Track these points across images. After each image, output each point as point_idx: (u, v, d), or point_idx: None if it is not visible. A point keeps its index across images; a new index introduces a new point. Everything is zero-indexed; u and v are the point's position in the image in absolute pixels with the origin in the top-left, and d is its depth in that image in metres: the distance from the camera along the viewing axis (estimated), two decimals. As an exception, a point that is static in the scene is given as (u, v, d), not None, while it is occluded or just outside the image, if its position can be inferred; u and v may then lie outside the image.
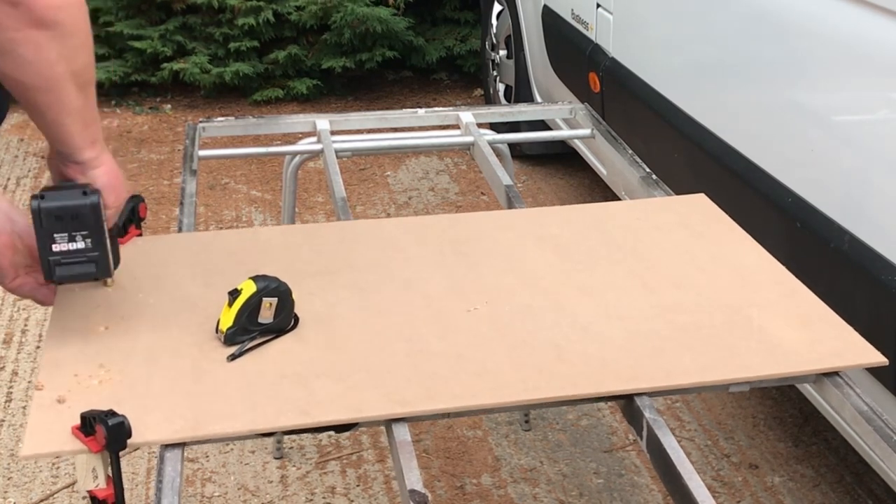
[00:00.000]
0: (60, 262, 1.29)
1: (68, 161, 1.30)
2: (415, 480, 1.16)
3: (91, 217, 1.28)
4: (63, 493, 2.37)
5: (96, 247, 1.29)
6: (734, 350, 1.37)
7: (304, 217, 3.75)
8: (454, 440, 2.58)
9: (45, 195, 1.27)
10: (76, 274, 1.30)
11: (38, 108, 1.23)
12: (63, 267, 1.29)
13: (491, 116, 2.44)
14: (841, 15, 1.97)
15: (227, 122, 2.27)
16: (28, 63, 1.17)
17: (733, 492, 2.41)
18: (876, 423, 1.29)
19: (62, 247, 1.28)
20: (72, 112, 1.24)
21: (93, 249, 1.29)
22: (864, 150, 1.93)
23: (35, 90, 1.20)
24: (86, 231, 1.28)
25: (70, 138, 1.27)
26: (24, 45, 1.16)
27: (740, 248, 1.66)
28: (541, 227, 1.72)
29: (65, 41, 1.18)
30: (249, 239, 1.69)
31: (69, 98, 1.22)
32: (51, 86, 1.20)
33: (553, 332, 1.41)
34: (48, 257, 1.28)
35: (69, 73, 1.20)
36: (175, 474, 1.15)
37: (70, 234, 1.28)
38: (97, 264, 1.30)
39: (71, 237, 1.28)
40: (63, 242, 1.28)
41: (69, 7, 1.18)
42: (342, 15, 4.67)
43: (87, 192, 1.28)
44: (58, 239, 1.28)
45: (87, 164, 1.30)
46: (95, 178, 1.30)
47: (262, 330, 1.35)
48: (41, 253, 1.29)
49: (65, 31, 1.18)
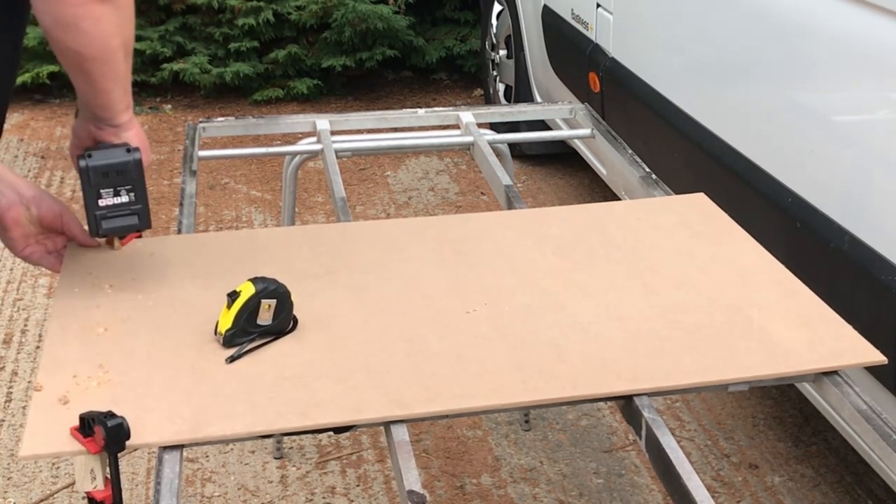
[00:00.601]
0: (106, 215, 1.39)
1: (105, 125, 1.38)
2: (413, 481, 1.16)
3: (135, 172, 1.39)
4: (63, 494, 2.37)
5: (139, 200, 1.41)
6: (734, 350, 1.37)
7: (303, 217, 3.75)
8: (454, 440, 2.58)
9: (93, 154, 1.37)
10: (121, 226, 1.41)
11: (91, 77, 1.30)
12: (109, 220, 1.40)
13: (491, 116, 2.44)
14: (841, 15, 1.97)
15: (227, 123, 2.27)
16: (89, 35, 1.25)
17: (733, 492, 2.41)
18: (875, 422, 1.29)
19: (108, 201, 1.38)
20: (119, 79, 1.33)
21: (136, 202, 1.40)
22: (864, 150, 1.93)
23: (92, 61, 1.28)
24: (129, 185, 1.39)
25: (114, 104, 1.36)
26: (86, 19, 1.23)
27: (740, 248, 1.66)
28: (541, 228, 1.72)
29: (120, 13, 1.27)
30: (249, 240, 1.69)
31: (119, 66, 1.31)
32: (106, 56, 1.28)
33: (553, 333, 1.40)
34: (95, 212, 1.38)
35: (121, 44, 1.29)
36: (173, 476, 1.15)
37: (115, 189, 1.38)
38: (139, 216, 1.41)
39: (116, 192, 1.39)
40: (109, 197, 1.38)
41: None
42: (343, 13, 4.67)
43: (129, 149, 1.39)
44: (104, 194, 1.38)
45: (122, 127, 1.39)
46: (129, 140, 1.40)
47: (261, 332, 1.35)
48: (88, 208, 1.38)
49: (120, 3, 1.27)
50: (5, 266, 3.36)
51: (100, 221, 1.39)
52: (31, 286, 3.24)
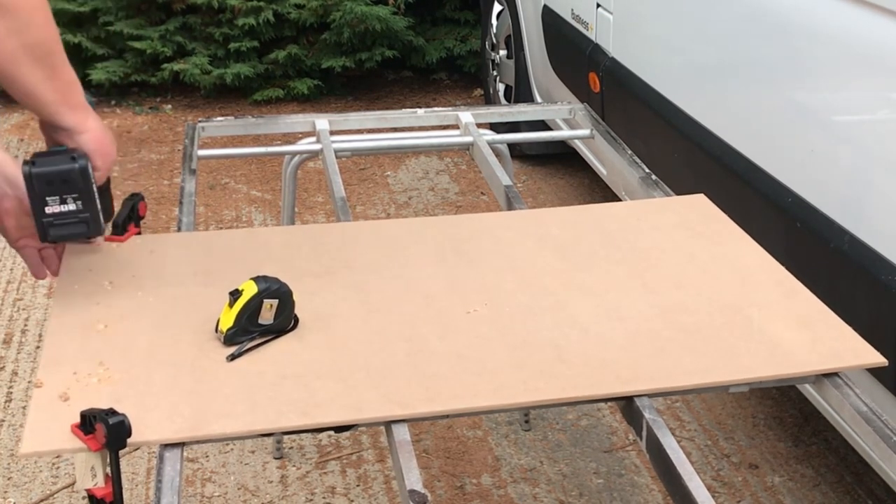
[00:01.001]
0: (53, 223, 1.35)
1: (56, 127, 1.34)
2: (414, 480, 1.16)
3: (80, 180, 1.34)
4: (63, 494, 2.37)
5: (87, 208, 1.36)
6: (734, 351, 1.37)
7: (303, 217, 3.75)
8: (454, 440, 2.58)
9: (36, 161, 1.33)
10: (69, 234, 1.37)
11: (5, 83, 1.26)
12: (56, 228, 1.36)
13: (491, 116, 2.44)
14: (841, 15, 1.97)
15: (226, 122, 2.27)
16: None
17: (733, 492, 2.41)
18: (875, 423, 1.29)
19: (54, 209, 1.35)
20: (37, 84, 1.27)
21: (83, 210, 1.36)
22: (864, 151, 1.93)
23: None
24: (76, 193, 1.35)
25: (45, 107, 1.31)
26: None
27: (740, 249, 1.66)
28: (541, 228, 1.72)
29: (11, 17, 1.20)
30: (250, 238, 1.69)
31: (29, 71, 1.25)
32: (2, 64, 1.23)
33: (553, 333, 1.40)
34: (42, 219, 1.35)
35: (21, 48, 1.22)
36: (174, 474, 1.15)
37: (61, 196, 1.34)
38: (88, 224, 1.38)
39: (62, 199, 1.35)
40: (55, 205, 1.35)
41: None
42: (342, 14, 4.67)
43: (75, 156, 1.33)
44: (50, 202, 1.34)
45: (74, 130, 1.34)
46: (83, 143, 1.35)
47: (262, 331, 1.35)
48: (35, 216, 1.35)
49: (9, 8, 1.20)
50: (5, 266, 3.36)
51: (47, 229, 1.36)
52: (31, 286, 3.24)
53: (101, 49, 4.79)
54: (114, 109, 4.88)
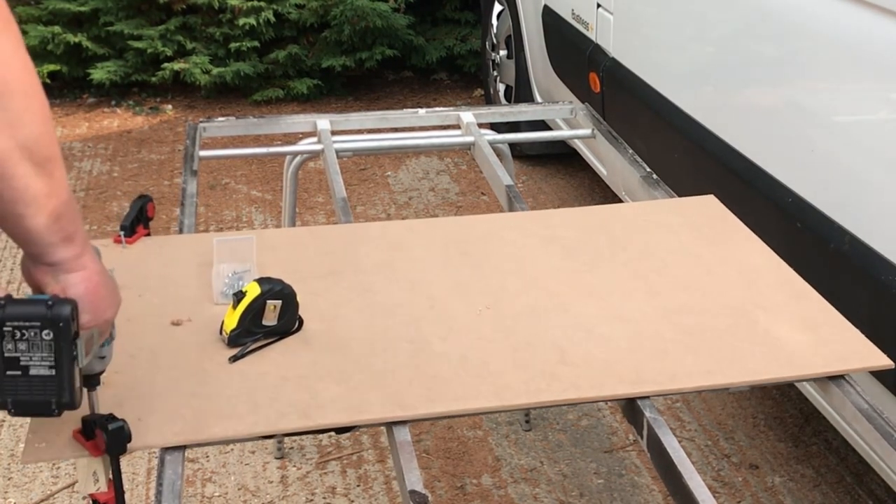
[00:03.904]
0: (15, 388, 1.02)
1: (38, 262, 1.01)
2: (415, 480, 1.16)
3: (57, 337, 1.00)
4: (63, 494, 2.37)
5: (60, 373, 1.01)
6: (739, 353, 1.37)
7: (304, 217, 3.75)
8: (454, 440, 2.58)
9: (5, 305, 0.99)
10: (34, 402, 1.02)
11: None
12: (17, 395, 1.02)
13: (491, 116, 2.44)
14: (841, 15, 1.97)
15: (227, 122, 2.27)
16: None
17: (733, 492, 2.41)
18: (876, 421, 1.29)
19: (16, 371, 1.01)
20: (31, 200, 0.93)
21: (54, 377, 1.01)
22: (864, 150, 1.93)
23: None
24: (47, 352, 1.00)
25: (33, 234, 0.96)
26: None
27: (748, 250, 1.66)
28: (547, 229, 1.72)
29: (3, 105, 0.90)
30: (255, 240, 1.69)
31: (24, 181, 0.92)
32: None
33: (557, 334, 1.40)
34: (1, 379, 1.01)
35: (17, 148, 0.91)
36: (175, 477, 1.15)
37: (30, 355, 1.00)
38: (58, 395, 1.02)
39: (30, 359, 1.00)
40: (18, 365, 1.01)
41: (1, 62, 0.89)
42: (342, 10, 4.67)
43: (52, 303, 0.99)
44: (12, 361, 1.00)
45: (59, 267, 1.00)
46: (70, 286, 1.01)
47: (266, 332, 1.35)
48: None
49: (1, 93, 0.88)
50: (5, 266, 3.36)
51: (6, 394, 1.01)
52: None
53: (101, 49, 4.79)
54: (114, 109, 4.88)
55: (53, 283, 1.01)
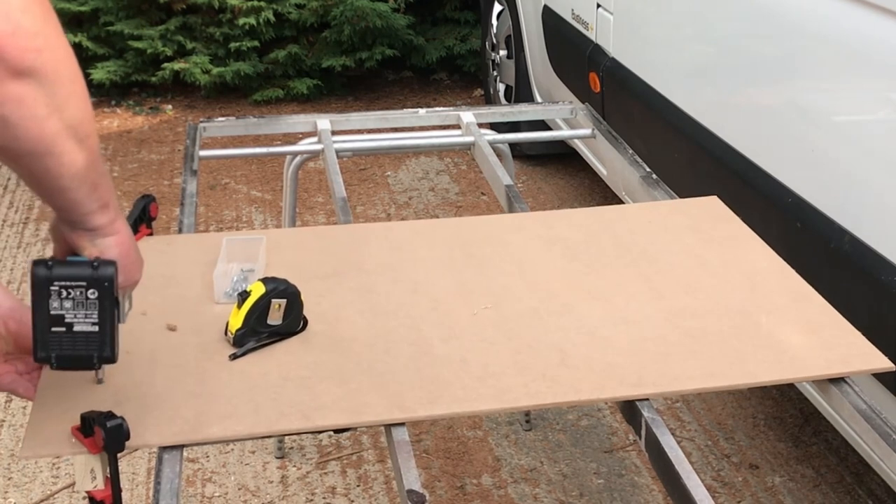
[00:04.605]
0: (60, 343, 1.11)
1: (76, 228, 1.10)
2: (413, 480, 1.16)
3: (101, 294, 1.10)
4: (63, 494, 2.37)
5: (103, 328, 1.11)
6: (741, 356, 1.36)
7: (304, 217, 3.75)
8: (454, 440, 2.58)
9: (52, 265, 1.09)
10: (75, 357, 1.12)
11: (36, 177, 1.02)
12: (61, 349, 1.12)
13: (491, 116, 2.44)
14: (841, 15, 1.97)
15: (228, 122, 2.27)
16: (13, 124, 0.95)
17: (733, 492, 2.41)
18: (875, 421, 1.29)
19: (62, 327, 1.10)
20: (76, 174, 1.03)
21: (98, 331, 1.11)
22: (864, 150, 1.93)
23: (30, 156, 0.98)
24: (92, 309, 1.10)
25: (77, 205, 1.06)
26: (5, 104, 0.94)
27: (751, 252, 1.65)
28: (551, 230, 1.71)
29: (52, 90, 0.97)
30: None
31: (71, 157, 1.01)
32: (45, 147, 0.98)
33: (558, 336, 1.40)
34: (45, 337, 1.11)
35: (65, 128, 0.99)
36: (173, 476, 1.15)
37: (74, 312, 1.10)
38: (100, 348, 1.12)
39: (75, 316, 1.10)
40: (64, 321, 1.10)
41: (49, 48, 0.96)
42: (342, 10, 4.67)
43: (97, 265, 1.09)
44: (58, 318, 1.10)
45: (98, 232, 1.10)
46: (107, 248, 1.11)
47: (271, 332, 1.35)
48: (37, 330, 1.11)
49: (48, 77, 0.96)
50: (5, 266, 3.36)
51: (50, 349, 1.11)
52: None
53: (101, 49, 4.79)
54: (114, 109, 4.88)
55: (91, 246, 1.10)
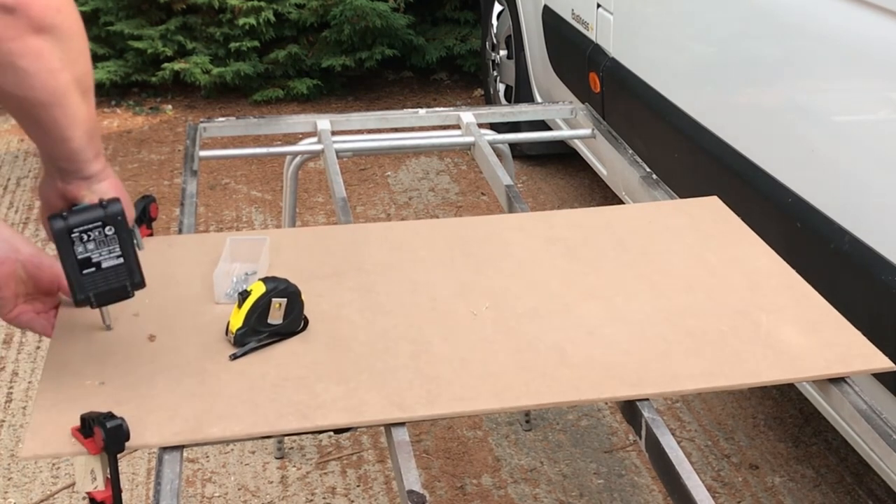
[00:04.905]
0: (94, 282, 1.22)
1: (74, 178, 1.21)
2: (413, 481, 1.16)
3: (118, 229, 1.21)
4: (63, 494, 2.37)
5: (127, 259, 1.23)
6: (740, 355, 1.36)
7: (304, 217, 3.75)
8: (454, 440, 2.58)
9: (67, 215, 1.19)
10: (110, 290, 1.24)
11: (44, 125, 1.13)
12: (96, 287, 1.23)
13: (492, 116, 2.44)
14: (841, 15, 1.97)
15: (228, 123, 2.27)
16: (31, 75, 1.08)
17: (733, 492, 2.41)
18: (875, 421, 1.29)
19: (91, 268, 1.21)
20: (79, 124, 1.15)
21: (123, 263, 1.23)
22: (864, 150, 1.93)
23: (41, 106, 1.11)
24: (113, 245, 1.21)
25: (77, 153, 1.18)
26: (25, 56, 1.06)
27: (752, 252, 1.65)
28: (551, 230, 1.71)
29: (65, 46, 1.09)
30: None
31: (75, 109, 1.13)
32: (56, 98, 1.11)
33: (558, 336, 1.40)
34: (79, 279, 1.21)
35: (73, 82, 1.12)
36: (174, 476, 1.15)
37: (98, 251, 1.21)
38: (130, 277, 1.24)
39: (99, 254, 1.21)
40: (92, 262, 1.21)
41: (66, 9, 1.10)
42: (342, 10, 4.67)
43: (105, 204, 1.20)
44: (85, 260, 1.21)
45: (94, 178, 1.21)
46: (103, 193, 1.22)
47: (271, 331, 1.35)
48: (70, 277, 1.21)
49: (64, 35, 1.09)
50: (6, 266, 3.35)
51: (87, 290, 1.22)
52: (31, 286, 3.24)
53: (101, 49, 4.79)
54: (114, 109, 4.88)
55: (89, 193, 1.22)
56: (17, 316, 1.31)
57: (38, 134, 1.15)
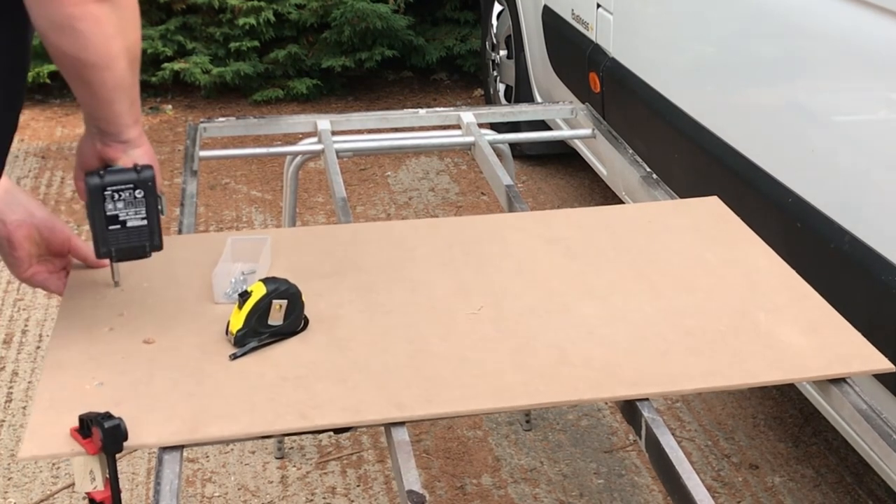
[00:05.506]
0: (117, 239, 1.32)
1: (112, 141, 1.29)
2: (413, 480, 1.16)
3: (146, 193, 1.31)
4: (63, 494, 2.37)
5: (151, 222, 1.33)
6: (740, 355, 1.36)
7: (304, 217, 3.75)
8: (454, 440, 2.58)
9: (103, 174, 1.30)
10: (132, 247, 1.34)
11: (92, 86, 1.21)
12: (119, 244, 1.33)
13: (492, 116, 2.44)
14: (841, 15, 1.97)
15: (228, 123, 2.27)
16: (87, 38, 1.16)
17: (733, 492, 2.40)
18: (875, 421, 1.29)
19: (117, 225, 1.31)
20: (124, 88, 1.23)
21: (147, 225, 1.33)
22: (864, 150, 1.93)
23: (92, 67, 1.19)
24: (140, 207, 1.31)
25: (118, 117, 1.26)
26: (83, 20, 1.14)
27: (751, 252, 1.65)
28: (551, 230, 1.71)
29: (121, 14, 1.18)
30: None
31: (123, 74, 1.21)
32: (108, 62, 1.19)
33: (557, 335, 1.40)
34: (104, 236, 1.32)
35: (124, 48, 1.20)
36: (173, 476, 1.15)
37: (126, 211, 1.31)
38: (151, 238, 1.34)
39: (126, 214, 1.31)
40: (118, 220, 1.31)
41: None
42: (342, 11, 4.67)
43: (139, 169, 1.30)
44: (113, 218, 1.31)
45: (130, 144, 1.30)
46: (138, 158, 1.30)
47: (272, 332, 1.34)
48: (96, 232, 1.31)
49: (121, 4, 1.17)
50: (5, 266, 3.35)
51: (110, 246, 1.33)
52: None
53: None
54: (114, 110, 4.88)
55: (125, 157, 1.30)
56: (32, 276, 1.42)
57: (85, 94, 1.23)
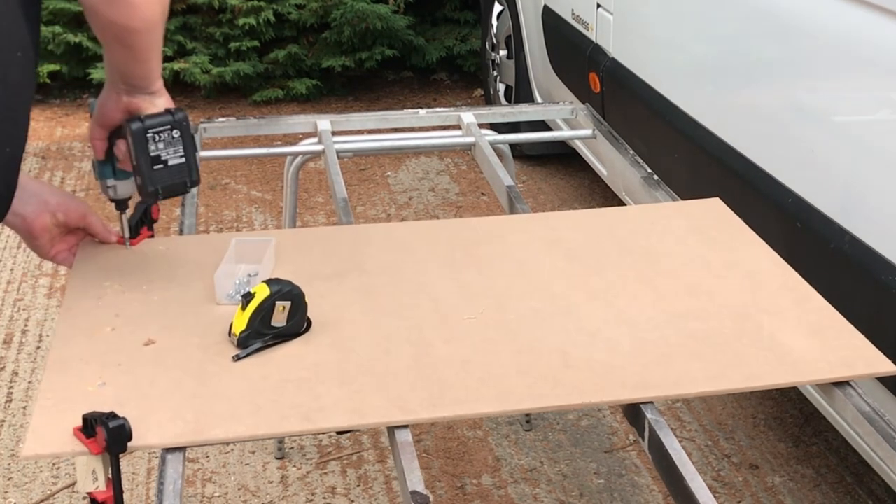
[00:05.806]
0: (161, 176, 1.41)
1: (139, 93, 1.40)
2: (416, 481, 1.16)
3: (185, 132, 1.42)
4: (63, 494, 2.37)
5: (189, 159, 1.43)
6: (743, 358, 1.36)
7: (304, 217, 3.75)
8: (455, 440, 2.58)
9: (144, 118, 1.39)
10: (174, 184, 1.43)
11: (134, 50, 1.33)
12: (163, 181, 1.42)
13: (492, 117, 2.44)
14: (841, 15, 1.97)
15: (228, 123, 2.27)
16: (136, 8, 1.27)
17: (734, 492, 2.41)
18: (878, 423, 1.29)
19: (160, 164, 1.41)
20: (159, 47, 1.36)
21: (185, 162, 1.43)
22: (864, 150, 1.93)
23: (136, 33, 1.30)
24: (179, 146, 1.41)
25: (152, 72, 1.39)
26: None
27: (754, 254, 1.65)
28: (553, 232, 1.71)
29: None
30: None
31: (159, 35, 1.34)
32: (150, 26, 1.30)
33: (560, 338, 1.40)
34: (149, 174, 1.41)
35: (162, 13, 1.32)
36: (177, 476, 1.15)
37: (166, 150, 1.41)
38: (191, 174, 1.44)
39: (167, 153, 1.41)
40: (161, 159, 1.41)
41: None
42: (342, 12, 4.67)
43: (173, 111, 1.41)
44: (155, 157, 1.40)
45: (156, 94, 1.41)
46: (160, 106, 1.42)
47: (275, 333, 1.34)
48: (142, 172, 1.41)
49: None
50: (6, 266, 3.36)
51: (157, 185, 1.42)
52: (31, 286, 3.24)
53: (101, 49, 4.78)
54: (114, 109, 4.88)
55: (151, 106, 1.41)
56: (55, 255, 1.53)
57: (125, 56, 1.35)
